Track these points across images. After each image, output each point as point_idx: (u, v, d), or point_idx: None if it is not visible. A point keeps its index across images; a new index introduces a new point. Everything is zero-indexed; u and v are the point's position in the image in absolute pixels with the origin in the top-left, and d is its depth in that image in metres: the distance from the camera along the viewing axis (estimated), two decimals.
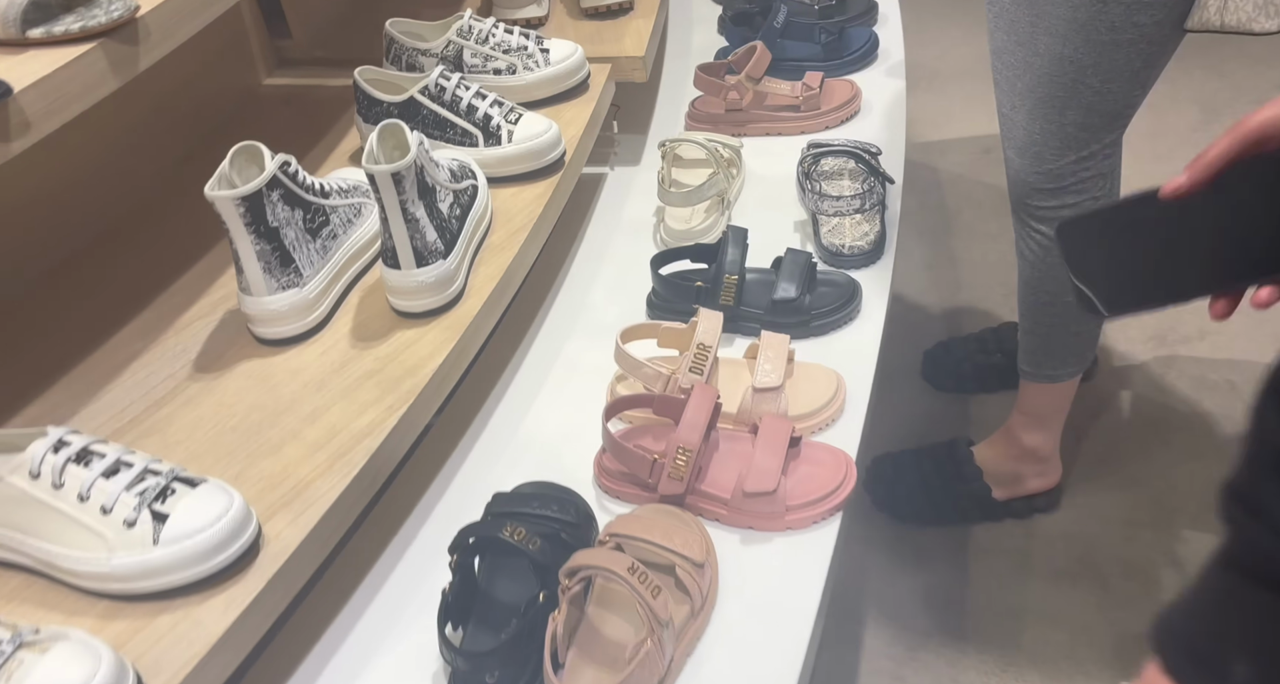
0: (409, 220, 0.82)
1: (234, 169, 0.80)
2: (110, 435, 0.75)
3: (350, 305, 0.89)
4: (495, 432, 0.93)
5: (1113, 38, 0.85)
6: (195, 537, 0.60)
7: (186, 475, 0.64)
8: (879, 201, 1.10)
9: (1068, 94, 0.91)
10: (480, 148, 1.02)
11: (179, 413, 0.77)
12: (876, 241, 1.08)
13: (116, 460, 0.63)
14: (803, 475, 0.81)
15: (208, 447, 0.74)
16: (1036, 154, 0.97)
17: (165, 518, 0.61)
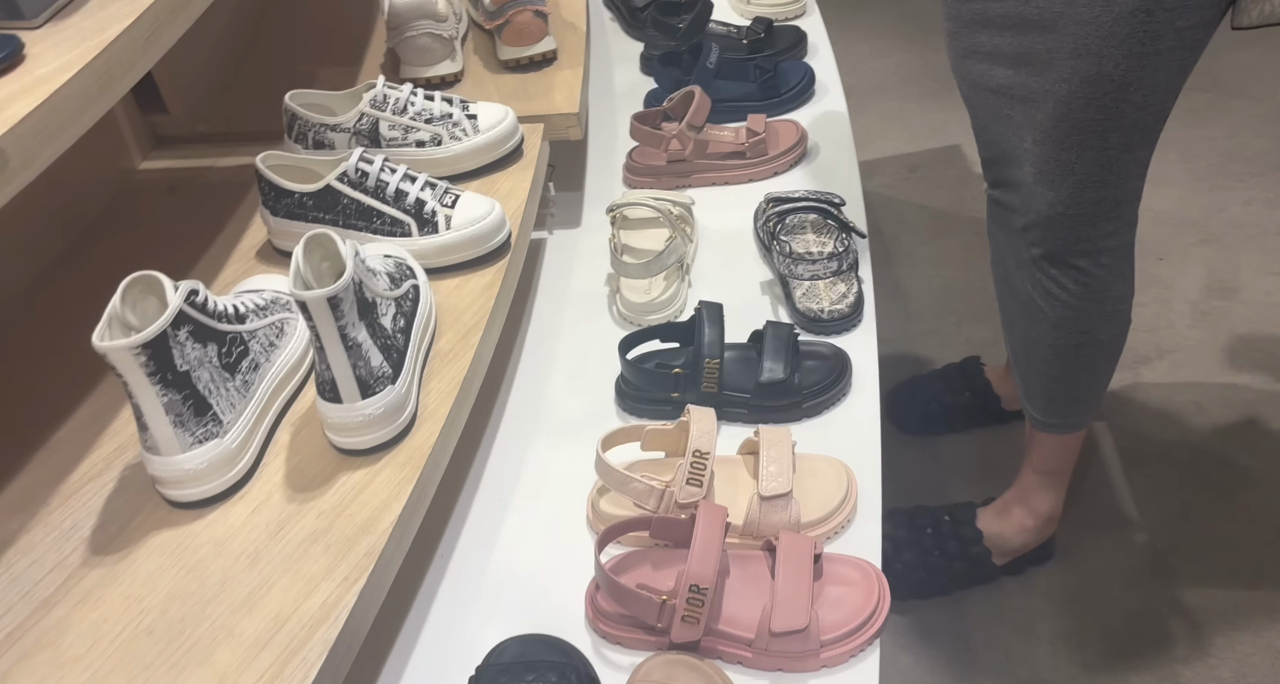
0: (350, 347, 0.69)
1: (127, 305, 0.65)
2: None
3: (280, 445, 0.75)
4: (461, 571, 0.81)
5: (1154, 47, 0.80)
6: None
7: None
8: (854, 261, 1.02)
9: (1108, 116, 0.85)
10: (414, 238, 0.89)
11: (75, 616, 0.62)
12: (856, 303, 1.00)
13: None
14: (833, 601, 0.71)
15: (117, 660, 0.59)
16: (1077, 184, 0.90)
17: None
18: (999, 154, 0.97)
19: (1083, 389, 1.05)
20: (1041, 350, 1.02)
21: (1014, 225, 0.98)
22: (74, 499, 0.70)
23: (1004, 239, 1.02)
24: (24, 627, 0.61)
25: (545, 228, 1.20)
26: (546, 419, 0.95)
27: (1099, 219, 0.93)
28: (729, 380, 0.91)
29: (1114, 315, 1.00)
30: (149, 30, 0.69)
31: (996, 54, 0.88)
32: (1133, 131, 0.87)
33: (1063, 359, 1.02)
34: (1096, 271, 0.96)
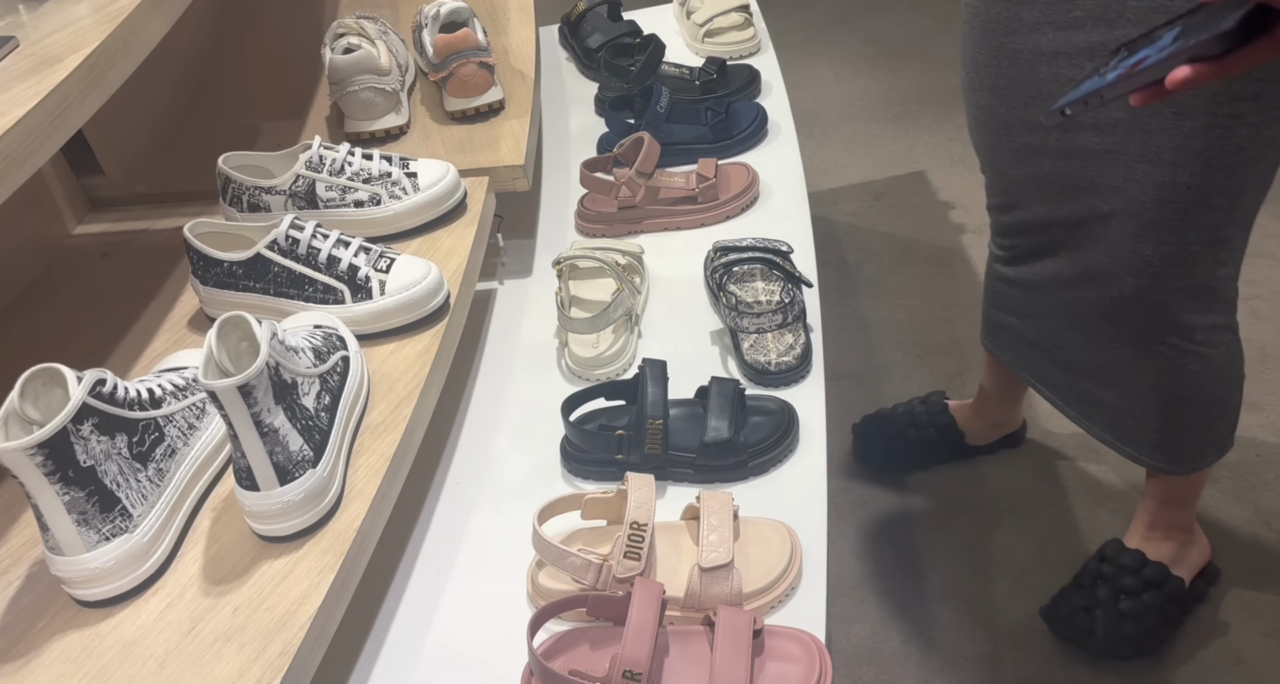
0: (265, 434, 0.66)
1: (27, 400, 0.63)
2: None
3: (200, 531, 0.72)
4: (395, 650, 0.78)
5: (1238, 158, 0.74)
6: None
7: None
8: (800, 312, 1.01)
9: (1186, 218, 0.78)
10: (347, 304, 0.87)
11: None
12: (803, 354, 0.99)
13: None
14: (772, 678, 0.69)
15: None
16: (1156, 275, 0.83)
17: None
18: (1040, 219, 0.90)
19: (1186, 439, 0.96)
20: (1147, 401, 0.93)
21: (1070, 293, 0.90)
22: None
23: (1057, 293, 0.94)
24: None
25: (495, 278, 1.18)
26: (490, 483, 0.93)
27: (1186, 306, 0.85)
28: (674, 439, 0.89)
29: (1218, 381, 0.91)
30: (55, 112, 0.67)
31: (1042, 146, 0.81)
32: (1218, 228, 0.80)
33: (1184, 408, 0.94)
34: (1190, 347, 0.88)
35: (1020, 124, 0.87)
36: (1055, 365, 1.03)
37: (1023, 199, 0.94)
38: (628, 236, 1.20)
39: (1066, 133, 0.80)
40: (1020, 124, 0.87)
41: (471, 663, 0.76)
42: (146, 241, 1.04)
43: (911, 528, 1.25)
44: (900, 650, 1.11)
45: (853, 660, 1.11)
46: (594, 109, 1.44)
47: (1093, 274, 0.89)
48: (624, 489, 0.80)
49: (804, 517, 0.83)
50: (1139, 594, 1.08)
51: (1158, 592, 1.08)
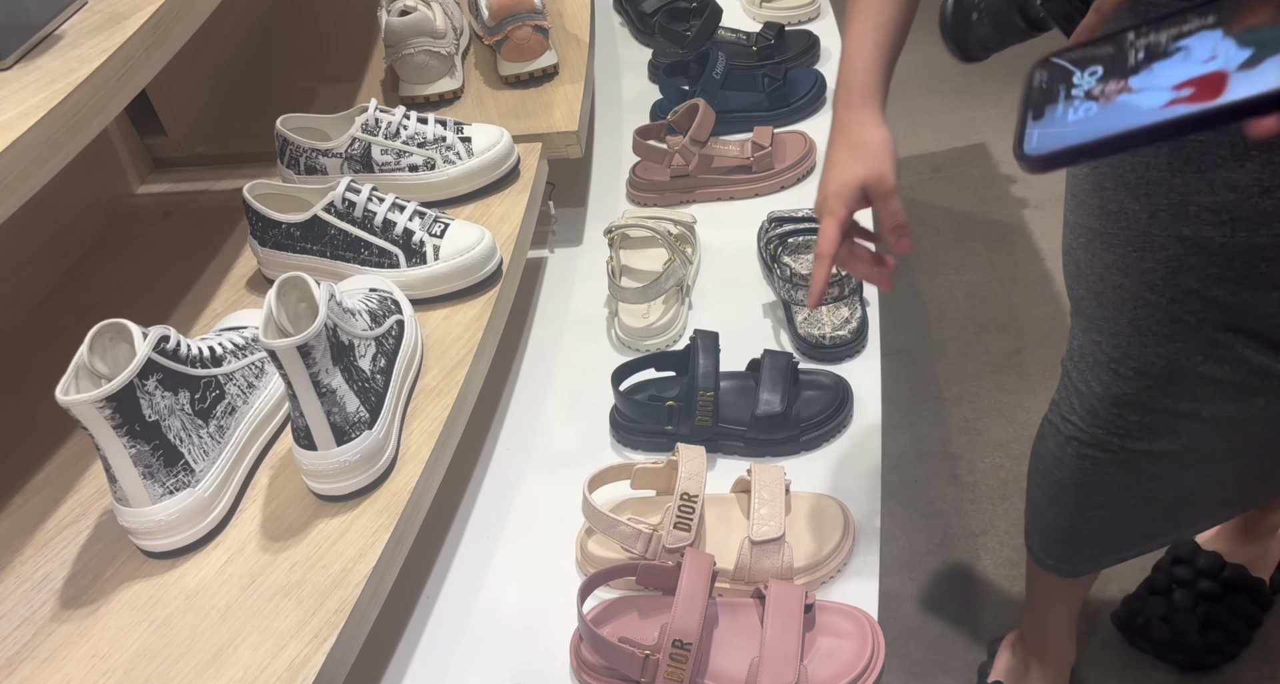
0: (323, 394, 0.67)
1: (95, 354, 0.64)
2: None
3: (259, 488, 0.73)
4: (445, 614, 0.79)
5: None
6: None
7: None
8: (857, 285, 0.99)
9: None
10: (402, 269, 0.87)
11: (40, 675, 0.61)
12: (859, 329, 0.97)
13: None
14: (824, 654, 0.69)
15: None
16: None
17: None
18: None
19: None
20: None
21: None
22: (48, 548, 0.69)
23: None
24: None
25: (546, 246, 1.18)
26: (539, 451, 0.93)
27: None
28: (725, 412, 0.88)
29: None
30: (122, 69, 0.68)
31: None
32: None
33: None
34: None
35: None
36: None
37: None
38: (680, 206, 1.18)
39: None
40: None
41: (521, 627, 0.77)
42: (206, 202, 1.05)
43: (964, 508, 1.23)
44: (950, 631, 1.10)
45: (900, 639, 1.10)
46: (648, 75, 1.41)
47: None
48: (674, 460, 0.80)
49: (857, 492, 0.82)
50: (1220, 599, 1.01)
51: (1240, 596, 1.01)
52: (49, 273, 0.96)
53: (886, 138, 0.65)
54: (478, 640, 0.76)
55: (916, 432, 1.35)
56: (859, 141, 0.65)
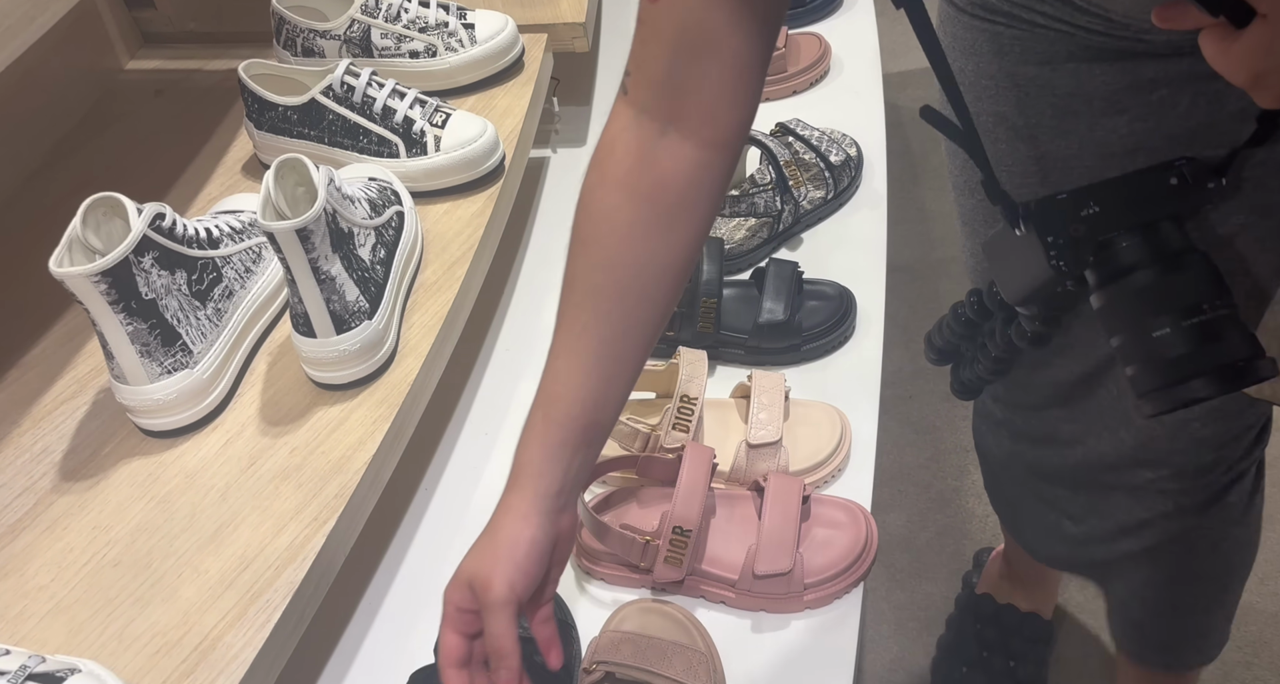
0: (322, 281, 0.66)
1: (89, 228, 0.62)
2: None
3: (257, 374, 0.73)
4: (444, 503, 0.80)
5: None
6: None
7: (45, 670, 0.49)
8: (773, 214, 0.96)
9: None
10: (402, 159, 0.84)
11: (42, 543, 0.62)
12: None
13: None
14: (819, 543, 0.70)
15: (81, 591, 0.59)
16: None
17: None
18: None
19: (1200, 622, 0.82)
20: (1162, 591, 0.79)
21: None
22: (46, 422, 0.69)
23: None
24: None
25: (548, 146, 1.14)
26: (540, 352, 0.91)
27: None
28: (726, 320, 0.88)
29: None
30: None
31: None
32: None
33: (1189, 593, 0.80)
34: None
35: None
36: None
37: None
38: None
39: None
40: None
41: None
42: (200, 81, 1.01)
43: (956, 423, 1.24)
44: (935, 541, 1.12)
45: (887, 547, 1.13)
46: None
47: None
48: (675, 363, 0.79)
49: (855, 402, 0.82)
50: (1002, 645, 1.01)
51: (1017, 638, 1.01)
52: (36, 146, 0.92)
53: (525, 538, 0.50)
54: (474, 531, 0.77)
55: (914, 348, 1.35)
56: (493, 529, 0.52)
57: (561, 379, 0.52)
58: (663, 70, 0.47)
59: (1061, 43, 0.54)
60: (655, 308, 0.52)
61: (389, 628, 0.71)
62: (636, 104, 0.48)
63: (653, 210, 0.49)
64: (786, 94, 1.15)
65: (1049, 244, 0.50)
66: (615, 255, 0.50)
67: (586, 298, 0.51)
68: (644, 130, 0.48)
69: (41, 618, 0.57)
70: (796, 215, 0.98)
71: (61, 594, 0.58)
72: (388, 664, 0.68)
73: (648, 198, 0.49)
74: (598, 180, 0.51)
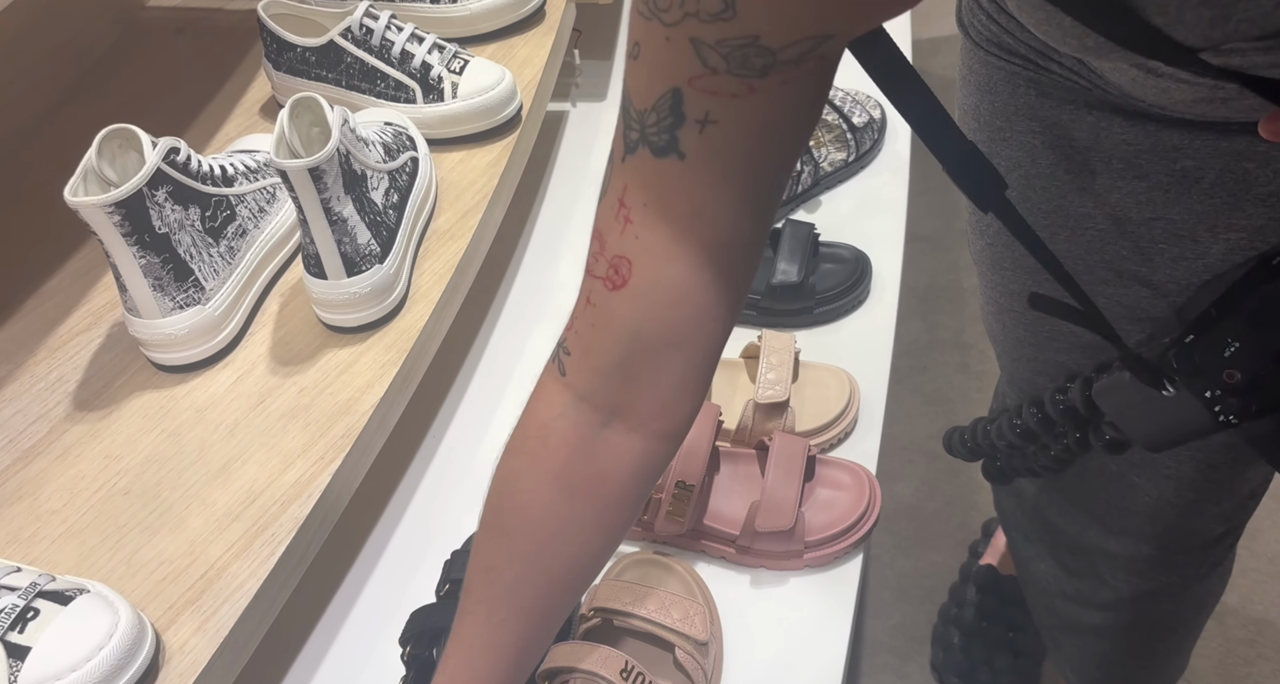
0: (334, 222, 0.66)
1: (104, 159, 0.62)
2: None
3: (269, 314, 0.73)
4: (450, 455, 0.80)
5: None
6: (67, 677, 0.48)
7: (55, 588, 0.51)
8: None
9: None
10: (418, 104, 0.84)
11: (55, 469, 0.63)
12: None
13: None
14: (821, 503, 0.70)
15: (92, 517, 0.60)
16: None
17: (26, 653, 0.48)
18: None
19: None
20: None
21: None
22: (61, 352, 0.70)
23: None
24: (5, 475, 0.62)
25: (568, 99, 1.13)
26: (551, 307, 0.93)
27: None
28: None
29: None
30: None
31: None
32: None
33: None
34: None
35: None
36: None
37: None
38: None
39: None
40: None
41: None
42: (220, 21, 1.00)
43: (970, 396, 1.23)
44: (943, 511, 1.12)
45: (895, 516, 1.13)
46: None
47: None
48: None
49: (865, 367, 0.81)
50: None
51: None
52: (57, 80, 0.92)
53: None
54: (480, 481, 0.78)
55: (931, 319, 1.34)
56: None
57: (477, 676, 0.46)
58: (613, 362, 0.41)
59: (1079, 93, 0.50)
60: (578, 594, 0.48)
61: (393, 567, 0.72)
62: (575, 390, 0.42)
63: (593, 507, 0.44)
64: None
65: (1209, 400, 0.44)
66: (545, 550, 0.45)
67: (509, 591, 0.45)
68: (583, 420, 0.42)
69: (53, 541, 0.58)
70: (816, 177, 0.97)
71: (73, 519, 0.59)
72: (390, 602, 0.69)
73: (588, 495, 0.43)
74: (527, 469, 0.44)
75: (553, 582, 0.45)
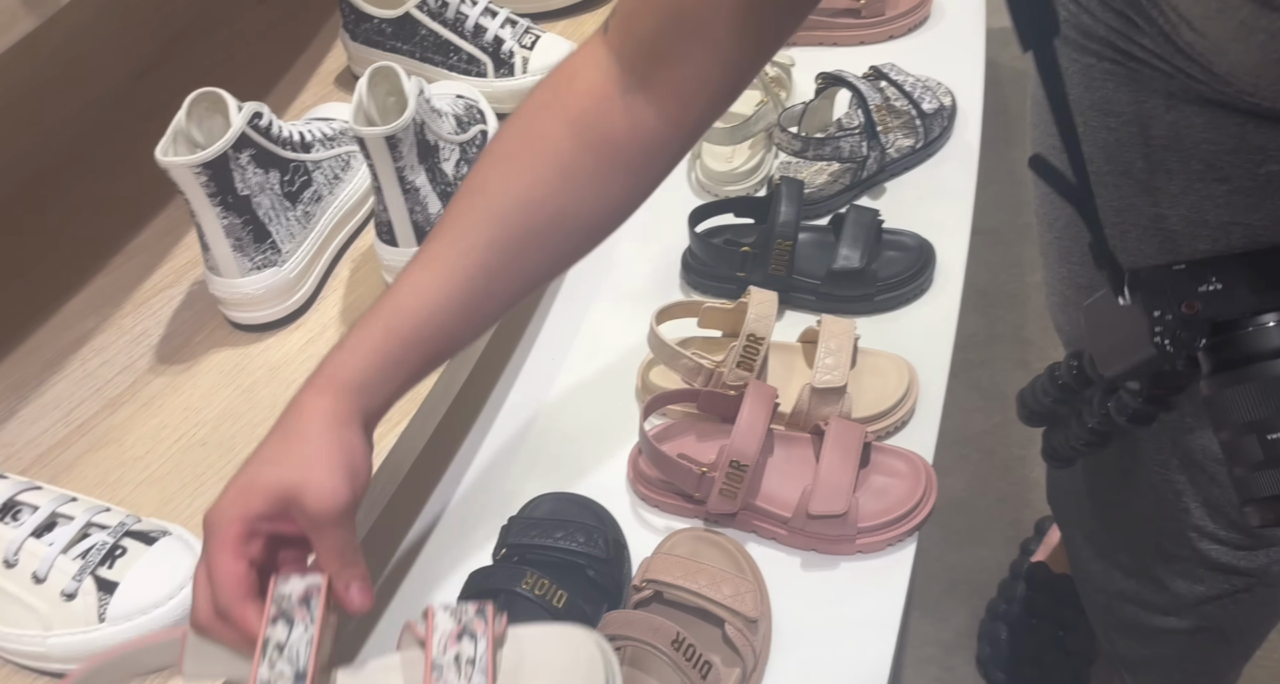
0: (407, 190, 0.67)
1: (192, 121, 0.65)
2: (56, 445, 0.64)
3: (339, 280, 0.75)
4: (507, 423, 0.82)
5: None
6: (151, 612, 0.50)
7: (140, 529, 0.53)
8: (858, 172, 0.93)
9: None
10: (489, 78, 0.85)
11: (138, 418, 0.66)
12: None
13: (51, 514, 0.52)
14: (876, 490, 0.70)
15: (172, 466, 0.62)
16: None
17: (114, 588, 0.50)
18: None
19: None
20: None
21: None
22: (145, 307, 0.73)
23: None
24: (93, 421, 0.66)
25: None
26: (608, 285, 0.93)
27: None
28: (800, 264, 0.87)
29: None
30: None
31: None
32: None
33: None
34: None
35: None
36: None
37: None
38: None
39: None
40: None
41: (578, 442, 0.79)
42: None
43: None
44: (994, 507, 1.11)
45: (946, 510, 1.12)
46: None
47: None
48: (744, 302, 0.79)
49: (925, 356, 0.81)
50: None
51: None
52: (146, 45, 0.95)
53: (355, 445, 0.43)
54: (536, 448, 0.79)
55: (991, 313, 1.31)
56: (302, 434, 0.43)
57: (421, 294, 0.44)
58: (648, 30, 0.44)
59: (1160, 81, 0.47)
60: (549, 258, 0.47)
61: (449, 530, 0.74)
62: (612, 47, 0.45)
63: (594, 161, 0.45)
64: (883, 38, 1.11)
65: (1156, 319, 0.44)
66: (536, 188, 0.44)
67: (486, 218, 0.44)
68: (611, 76, 0.45)
69: (136, 485, 0.61)
70: (882, 163, 0.96)
71: (154, 466, 0.62)
72: (445, 563, 0.71)
73: (591, 146, 0.45)
74: (546, 103, 0.46)
75: (532, 228, 0.45)
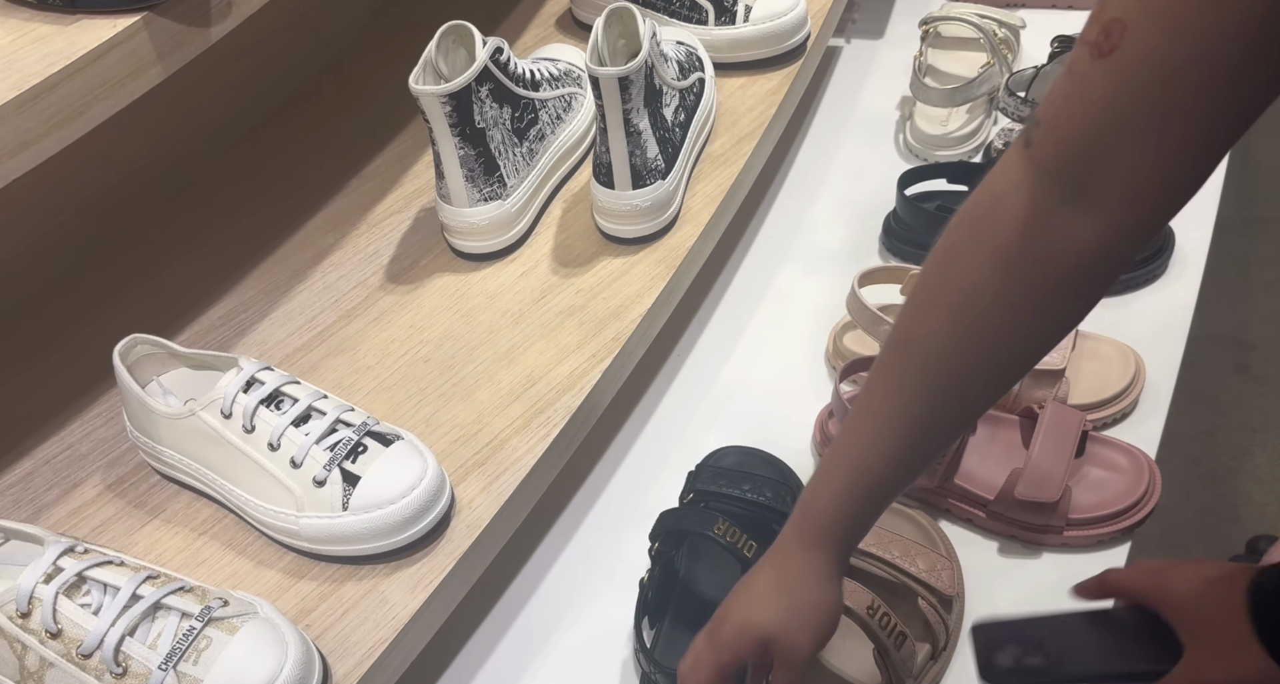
0: (630, 133, 0.68)
1: (440, 54, 0.68)
2: (300, 347, 0.70)
3: (552, 218, 0.77)
4: (692, 376, 0.82)
5: None
6: (386, 508, 0.54)
7: (379, 430, 0.57)
8: None
9: None
10: (710, 27, 0.84)
11: (370, 330, 0.70)
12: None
13: (308, 407, 0.56)
14: (1091, 482, 0.66)
15: (399, 377, 0.67)
16: None
17: (356, 480, 0.55)
18: None
19: None
20: None
21: None
22: (378, 228, 0.78)
23: None
24: (331, 329, 0.71)
25: (843, 35, 1.09)
26: (802, 244, 0.91)
27: None
28: None
29: None
30: None
31: None
32: None
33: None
34: None
35: None
36: None
37: None
38: (1010, 7, 1.05)
39: None
40: None
41: (763, 401, 0.79)
42: None
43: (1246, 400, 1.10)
44: (1195, 519, 1.03)
45: None
46: None
47: None
48: None
49: (1153, 346, 0.74)
50: None
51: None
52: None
53: (832, 604, 0.48)
54: (719, 404, 0.79)
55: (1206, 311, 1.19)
56: (793, 587, 0.48)
57: (881, 447, 0.46)
58: (1083, 137, 0.37)
59: None
60: (993, 387, 0.45)
61: (636, 470, 0.75)
62: (1038, 163, 0.39)
63: (1027, 288, 0.41)
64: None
65: None
66: (970, 326, 0.43)
67: (920, 364, 0.44)
68: (1039, 196, 0.39)
69: (368, 393, 0.66)
70: None
71: (384, 376, 0.67)
72: (631, 502, 0.72)
73: (1027, 276, 0.41)
74: (966, 238, 0.42)
75: (969, 362, 0.43)
